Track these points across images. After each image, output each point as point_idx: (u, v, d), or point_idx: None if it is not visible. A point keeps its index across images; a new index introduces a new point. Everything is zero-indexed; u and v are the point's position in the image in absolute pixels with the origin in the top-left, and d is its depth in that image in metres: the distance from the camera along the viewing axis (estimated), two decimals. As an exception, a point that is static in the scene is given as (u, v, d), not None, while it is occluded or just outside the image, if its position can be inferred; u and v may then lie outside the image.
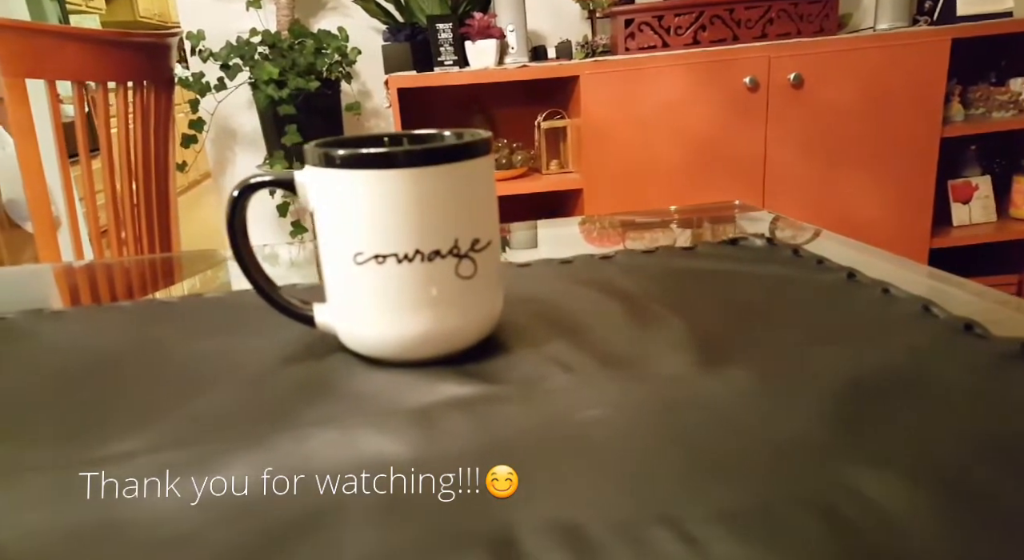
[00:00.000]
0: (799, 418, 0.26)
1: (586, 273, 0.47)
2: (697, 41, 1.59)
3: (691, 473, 0.24)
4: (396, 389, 0.32)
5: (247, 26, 1.70)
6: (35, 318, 0.43)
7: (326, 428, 0.29)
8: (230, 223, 0.35)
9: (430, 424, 0.29)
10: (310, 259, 0.69)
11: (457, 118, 1.86)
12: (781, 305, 0.38)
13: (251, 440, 0.28)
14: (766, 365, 0.31)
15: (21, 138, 1.12)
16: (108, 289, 0.62)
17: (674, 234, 0.61)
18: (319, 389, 0.33)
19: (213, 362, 0.37)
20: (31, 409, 0.32)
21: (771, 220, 0.63)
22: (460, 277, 0.34)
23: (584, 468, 0.25)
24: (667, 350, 0.33)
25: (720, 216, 0.66)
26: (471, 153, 0.34)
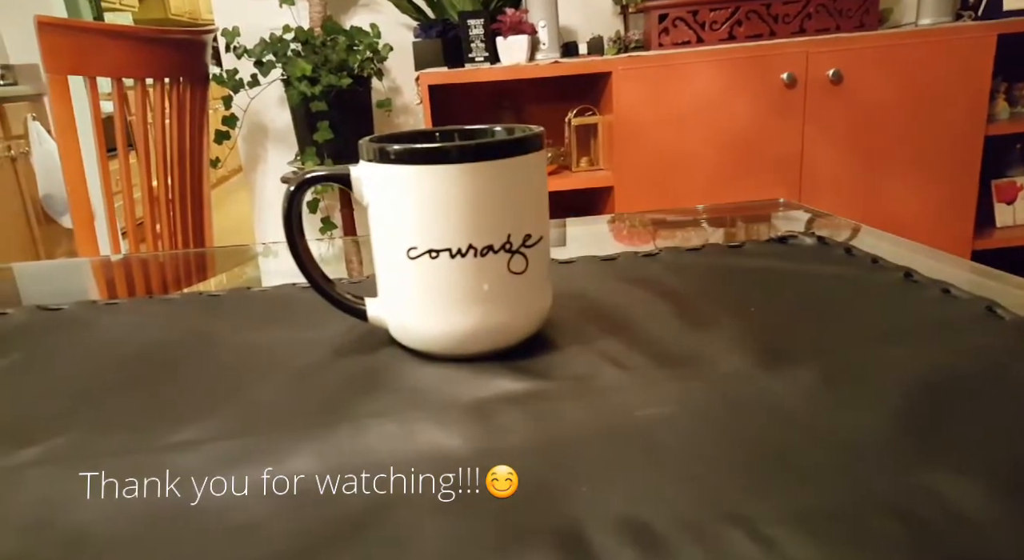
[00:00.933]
0: (868, 419, 0.26)
1: (631, 271, 0.47)
2: (733, 36, 1.57)
3: (759, 473, 0.23)
4: (449, 383, 0.32)
5: (280, 23, 1.72)
6: (90, 309, 0.44)
7: (383, 420, 0.29)
8: (287, 217, 0.35)
9: (486, 419, 0.29)
10: (339, 255, 0.70)
11: (486, 115, 1.86)
12: (838, 304, 0.37)
13: (311, 430, 0.28)
14: (829, 365, 0.30)
15: (63, 134, 1.14)
16: (144, 282, 0.63)
17: (718, 232, 0.61)
18: (372, 382, 0.33)
19: (265, 354, 0.37)
20: (98, 396, 0.32)
21: (807, 219, 0.62)
22: (512, 273, 0.34)
23: (648, 466, 0.24)
24: (724, 349, 0.33)
25: (761, 214, 0.65)
26: (524, 148, 0.33)
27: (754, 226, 0.62)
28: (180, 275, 0.68)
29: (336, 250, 0.73)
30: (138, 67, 1.19)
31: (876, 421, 0.26)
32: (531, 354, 0.35)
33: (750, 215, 0.66)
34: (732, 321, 0.36)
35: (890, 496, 0.22)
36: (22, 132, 2.74)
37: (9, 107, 2.67)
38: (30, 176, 2.76)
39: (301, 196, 0.36)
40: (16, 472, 0.26)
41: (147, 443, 0.28)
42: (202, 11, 6.15)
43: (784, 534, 0.20)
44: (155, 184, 1.29)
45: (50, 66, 1.08)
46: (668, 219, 0.68)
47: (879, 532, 0.20)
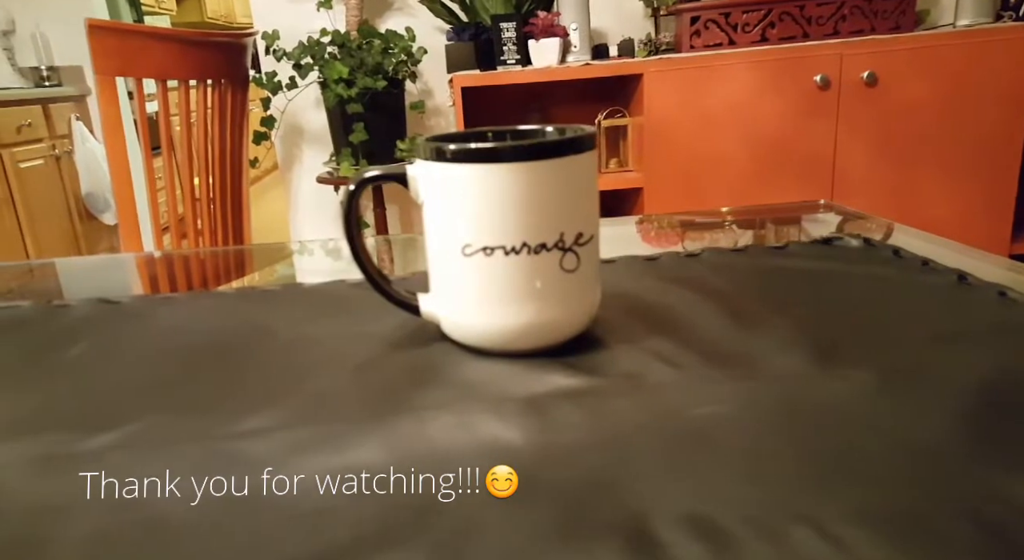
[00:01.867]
0: (931, 421, 0.26)
1: (674, 271, 0.47)
2: (765, 38, 1.56)
3: (824, 473, 0.24)
4: (502, 379, 0.33)
5: (317, 26, 1.75)
6: (148, 302, 0.45)
7: (442, 413, 0.30)
8: (346, 215, 0.37)
9: (542, 414, 0.29)
10: (371, 254, 0.71)
11: (516, 117, 1.87)
12: (891, 306, 0.37)
13: (373, 421, 0.29)
14: (888, 366, 0.30)
15: (110, 134, 1.17)
16: (186, 278, 0.65)
17: (758, 233, 0.61)
18: (426, 376, 0.34)
19: (321, 347, 0.38)
20: (165, 385, 0.34)
21: (840, 221, 0.61)
22: (564, 270, 0.34)
23: (709, 464, 0.25)
24: (777, 349, 0.33)
25: (800, 216, 0.65)
26: (578, 148, 0.34)
27: (785, 228, 0.62)
28: (220, 272, 0.69)
29: (368, 249, 0.74)
30: (182, 69, 1.23)
31: (942, 422, 0.26)
32: (581, 351, 0.35)
33: (790, 217, 0.65)
34: (782, 321, 0.36)
35: (961, 498, 0.22)
36: (66, 132, 2.82)
37: (54, 107, 2.75)
38: (73, 174, 2.84)
39: (359, 195, 0.37)
40: (96, 455, 0.27)
41: (218, 430, 0.29)
42: (237, 15, 6.26)
43: (855, 534, 0.21)
44: (197, 183, 1.32)
45: (99, 67, 1.11)
46: (705, 221, 0.68)
47: (952, 534, 0.21)
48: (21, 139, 2.54)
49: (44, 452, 0.27)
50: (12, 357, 0.38)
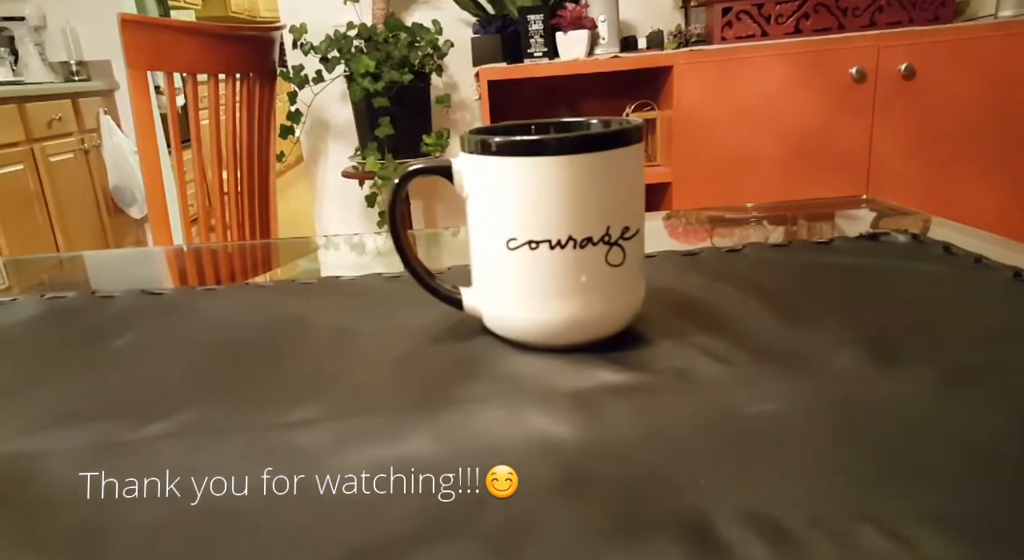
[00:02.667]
0: (993, 420, 0.25)
1: (715, 266, 0.46)
2: (799, 30, 1.53)
3: (887, 473, 0.23)
4: (547, 373, 0.33)
5: (343, 20, 1.75)
6: (190, 294, 0.46)
7: (490, 406, 0.29)
8: (391, 209, 0.36)
9: (590, 409, 0.29)
10: (394, 249, 0.70)
11: (542, 110, 1.86)
12: (945, 304, 0.36)
13: (421, 413, 0.29)
14: (948, 365, 0.29)
15: (141, 127, 1.18)
16: (214, 271, 0.65)
17: (800, 228, 0.59)
18: (470, 369, 0.34)
19: (362, 339, 0.38)
20: (211, 376, 0.34)
21: (874, 217, 0.60)
22: (609, 265, 0.34)
23: (767, 462, 0.24)
24: (829, 347, 0.32)
25: (830, 212, 0.64)
26: (625, 140, 0.34)
27: (818, 224, 0.61)
28: (249, 265, 0.70)
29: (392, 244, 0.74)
30: (212, 63, 1.23)
31: (1004, 422, 0.25)
32: (625, 347, 0.35)
33: (825, 213, 0.64)
34: (834, 319, 0.35)
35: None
36: (94, 126, 2.86)
37: (83, 102, 2.80)
38: (101, 168, 2.88)
39: (404, 188, 0.36)
40: (150, 444, 0.27)
41: (267, 420, 0.29)
42: (260, 9, 6.31)
43: (923, 534, 0.20)
44: (225, 177, 1.33)
45: (131, 62, 1.13)
46: (741, 216, 0.67)
47: (1020, 534, 0.20)
48: (52, 133, 2.58)
49: (100, 440, 0.27)
50: (62, 346, 0.38)
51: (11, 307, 0.44)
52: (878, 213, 0.63)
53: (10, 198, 2.29)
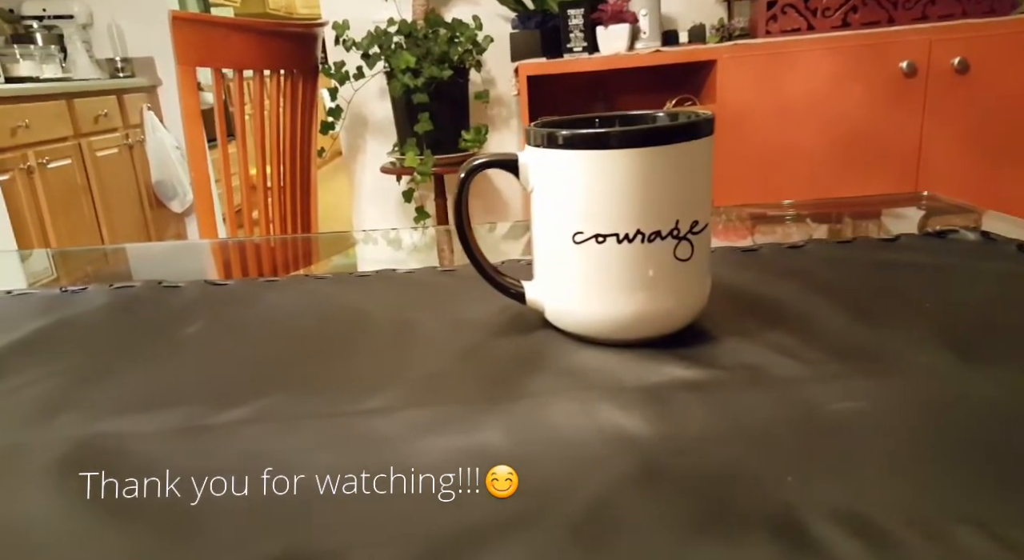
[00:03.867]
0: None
1: (777, 262, 0.46)
2: (847, 23, 1.50)
3: (984, 474, 0.22)
4: (615, 367, 0.32)
5: (384, 16, 1.76)
6: (252, 285, 0.46)
7: (560, 399, 0.29)
8: (457, 202, 0.36)
9: (664, 404, 0.29)
10: (431, 244, 0.71)
11: (581, 106, 1.85)
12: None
13: (491, 404, 0.29)
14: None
15: (190, 123, 1.21)
16: (257, 264, 0.66)
17: (861, 226, 0.58)
18: (535, 362, 0.34)
19: (421, 331, 0.38)
20: (282, 364, 0.34)
21: (921, 215, 0.58)
22: (677, 259, 0.34)
23: (856, 460, 0.24)
24: (910, 345, 0.31)
25: (876, 210, 0.62)
26: (697, 133, 0.33)
27: (864, 222, 0.59)
28: (293, 258, 0.71)
29: (428, 239, 0.75)
30: (259, 59, 1.25)
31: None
32: (692, 342, 0.34)
33: (883, 210, 0.63)
34: (908, 317, 0.34)
35: None
36: (138, 121, 2.93)
37: (128, 98, 2.86)
38: (144, 163, 2.95)
39: (470, 182, 0.36)
40: (232, 428, 0.28)
41: (342, 408, 0.29)
42: (297, 5, 6.39)
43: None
44: (268, 171, 1.35)
45: (181, 58, 1.15)
46: (795, 213, 0.66)
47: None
48: (98, 128, 2.65)
49: (182, 424, 0.28)
50: (135, 334, 0.39)
51: (82, 296, 0.45)
52: (939, 210, 0.61)
53: (59, 192, 2.36)
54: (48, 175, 2.30)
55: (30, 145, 2.23)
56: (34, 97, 2.29)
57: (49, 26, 2.78)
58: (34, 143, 2.25)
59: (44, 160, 2.27)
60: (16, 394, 0.32)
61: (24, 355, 0.36)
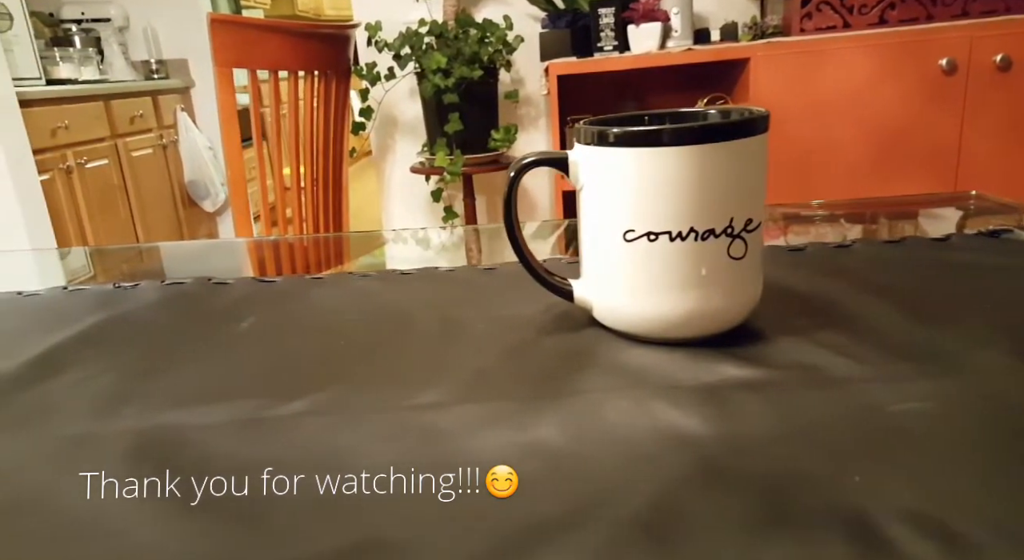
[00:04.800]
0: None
1: (824, 262, 0.45)
2: (884, 20, 1.47)
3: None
4: (667, 366, 0.32)
5: (415, 17, 1.77)
6: (299, 282, 0.47)
7: (614, 397, 0.29)
8: (507, 200, 0.36)
9: (720, 403, 0.28)
10: (458, 244, 0.71)
11: (611, 105, 1.84)
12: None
13: (545, 401, 0.29)
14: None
15: (227, 123, 1.23)
16: (290, 262, 0.67)
17: (901, 226, 0.57)
18: (584, 360, 0.34)
19: (468, 328, 0.38)
20: (335, 359, 0.35)
21: (961, 216, 0.57)
22: (731, 258, 0.33)
23: (923, 461, 0.23)
24: (971, 346, 0.31)
25: (914, 210, 0.61)
26: (752, 130, 0.33)
27: (899, 222, 0.58)
28: (321, 257, 0.71)
29: (455, 239, 0.75)
30: (293, 60, 1.27)
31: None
32: (745, 342, 0.34)
33: (918, 210, 0.61)
34: (965, 318, 0.34)
35: None
36: (172, 122, 2.98)
37: (162, 99, 2.92)
38: (177, 163, 3.00)
39: (520, 179, 0.37)
40: (291, 421, 0.28)
41: (398, 402, 0.30)
42: (324, 7, 6.45)
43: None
44: (302, 171, 1.36)
45: (219, 59, 1.17)
46: (836, 212, 0.65)
47: None
48: (134, 129, 2.70)
49: (243, 417, 0.29)
50: (189, 328, 0.40)
51: (135, 292, 0.46)
52: (987, 210, 0.60)
53: (96, 191, 2.41)
54: (86, 175, 2.35)
55: (69, 145, 2.28)
56: (73, 98, 2.35)
57: (87, 29, 2.85)
58: (73, 143, 2.30)
59: (82, 160, 2.33)
60: (81, 386, 0.33)
61: (84, 348, 0.37)
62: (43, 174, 2.10)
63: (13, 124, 1.94)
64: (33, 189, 2.02)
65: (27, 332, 0.40)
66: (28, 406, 0.31)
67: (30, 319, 0.43)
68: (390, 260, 0.67)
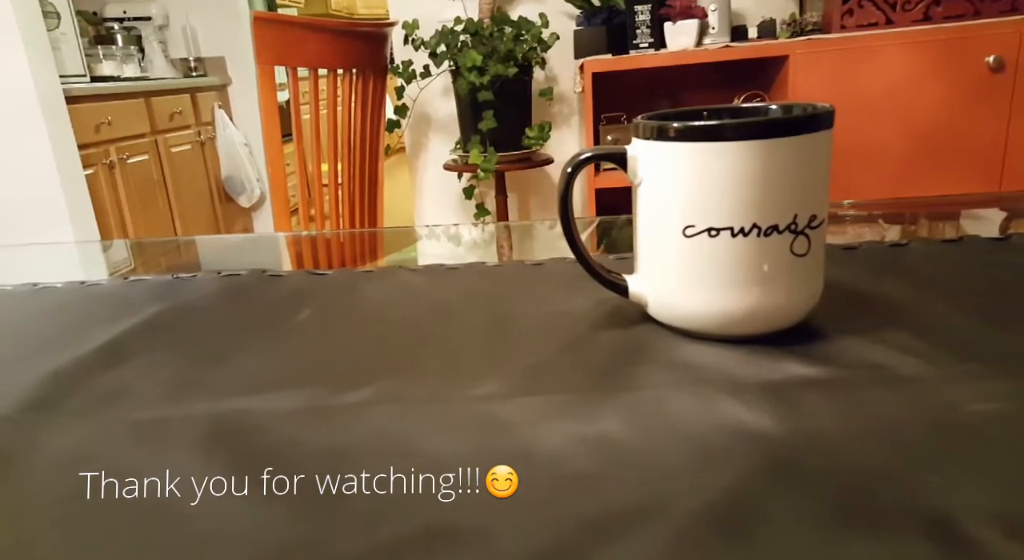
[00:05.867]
0: None
1: (880, 261, 0.44)
2: (928, 17, 1.44)
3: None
4: (727, 363, 0.32)
5: (450, 15, 1.78)
6: (350, 275, 0.48)
7: (676, 392, 0.29)
8: (563, 196, 0.37)
9: (787, 401, 0.28)
10: (489, 240, 0.71)
11: (643, 102, 1.83)
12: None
13: (602, 394, 0.29)
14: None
15: (268, 120, 1.25)
16: (327, 257, 0.67)
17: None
18: (643, 355, 0.34)
19: (520, 323, 0.39)
20: (393, 350, 0.35)
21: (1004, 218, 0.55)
22: (794, 254, 0.33)
23: (1002, 463, 0.23)
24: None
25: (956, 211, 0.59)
26: (817, 125, 0.32)
27: (940, 223, 0.57)
28: (356, 252, 0.72)
29: (487, 235, 0.75)
30: (333, 58, 1.28)
31: None
32: (806, 340, 0.34)
33: (989, 208, 0.60)
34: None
35: None
36: (209, 119, 3.04)
37: (200, 96, 2.97)
38: (214, 159, 3.06)
39: (577, 174, 0.37)
40: (356, 409, 0.29)
41: (458, 393, 0.30)
42: (357, 6, 6.51)
43: None
44: (340, 168, 1.38)
45: (261, 57, 1.19)
46: (898, 211, 0.64)
47: None
48: (173, 125, 2.76)
49: (309, 404, 0.29)
50: (248, 318, 0.41)
51: (193, 283, 0.47)
52: (1003, 214, 0.58)
53: (137, 186, 2.47)
54: (128, 170, 2.40)
55: (112, 141, 2.34)
56: (116, 95, 2.40)
57: (128, 27, 2.91)
58: (115, 139, 2.36)
59: (124, 156, 2.38)
60: (151, 371, 0.34)
61: (151, 336, 0.38)
62: (87, 169, 2.15)
63: (60, 120, 2.00)
64: (78, 183, 2.07)
65: (95, 320, 0.41)
66: (103, 390, 0.32)
67: (96, 308, 0.44)
68: (426, 256, 0.68)
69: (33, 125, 1.91)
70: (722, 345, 0.34)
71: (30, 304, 0.46)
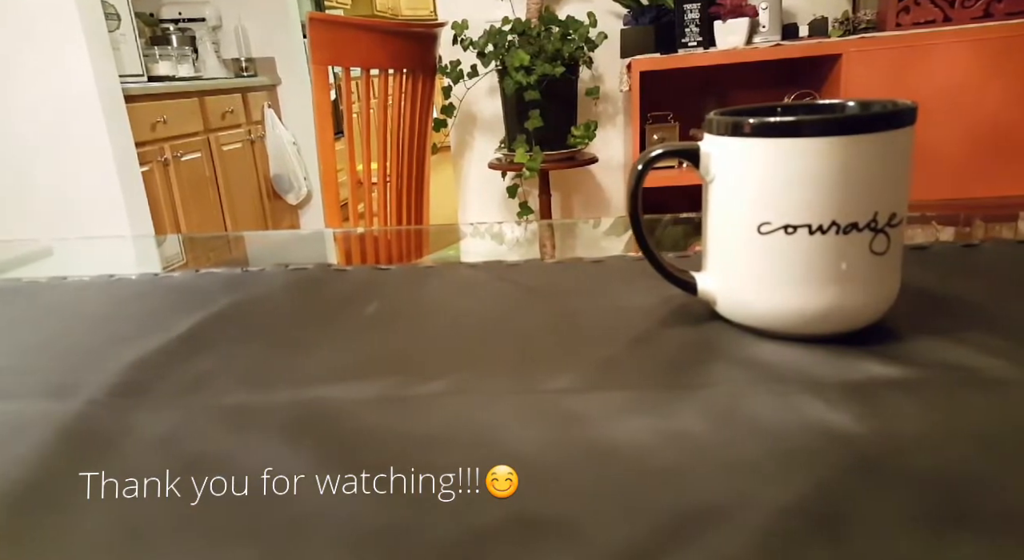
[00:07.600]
0: None
1: (955, 261, 0.43)
2: (989, 14, 1.40)
3: None
4: (804, 363, 0.32)
5: (498, 15, 1.79)
6: (414, 271, 0.48)
7: (754, 390, 0.29)
8: (633, 193, 0.37)
9: (873, 401, 0.28)
10: (532, 239, 0.71)
11: (690, 101, 1.81)
12: None
13: (678, 390, 0.29)
14: None
15: (321, 119, 1.27)
16: (376, 252, 0.68)
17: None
18: (715, 352, 0.33)
19: (587, 318, 0.39)
20: (462, 343, 0.36)
21: None
22: (873, 253, 0.32)
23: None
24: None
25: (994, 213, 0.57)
26: (899, 122, 0.32)
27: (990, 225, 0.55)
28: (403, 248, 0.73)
29: (529, 234, 0.75)
30: (385, 58, 1.30)
31: None
32: (884, 339, 0.33)
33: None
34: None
35: None
36: (259, 118, 3.11)
37: (251, 96, 3.04)
38: (263, 157, 3.13)
39: (647, 171, 0.37)
40: (432, 400, 0.29)
41: (532, 386, 0.30)
42: (402, 7, 6.58)
43: None
44: (388, 166, 1.40)
45: (316, 57, 1.21)
46: (966, 212, 0.62)
47: None
48: (225, 124, 2.83)
49: (385, 394, 0.30)
50: (319, 310, 0.42)
51: (262, 276, 0.48)
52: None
53: (190, 183, 2.54)
54: (181, 167, 2.48)
55: (167, 139, 2.41)
56: (171, 94, 2.48)
57: (183, 28, 3.00)
58: (170, 137, 2.43)
59: (178, 153, 2.45)
60: (230, 360, 0.35)
61: (227, 326, 0.40)
62: (143, 166, 2.23)
63: (119, 119, 2.07)
64: (135, 180, 2.14)
65: (172, 310, 0.43)
66: (188, 377, 0.33)
67: (172, 299, 0.46)
68: (465, 254, 0.68)
69: (94, 123, 1.98)
70: (796, 344, 0.33)
71: (108, 294, 0.48)
